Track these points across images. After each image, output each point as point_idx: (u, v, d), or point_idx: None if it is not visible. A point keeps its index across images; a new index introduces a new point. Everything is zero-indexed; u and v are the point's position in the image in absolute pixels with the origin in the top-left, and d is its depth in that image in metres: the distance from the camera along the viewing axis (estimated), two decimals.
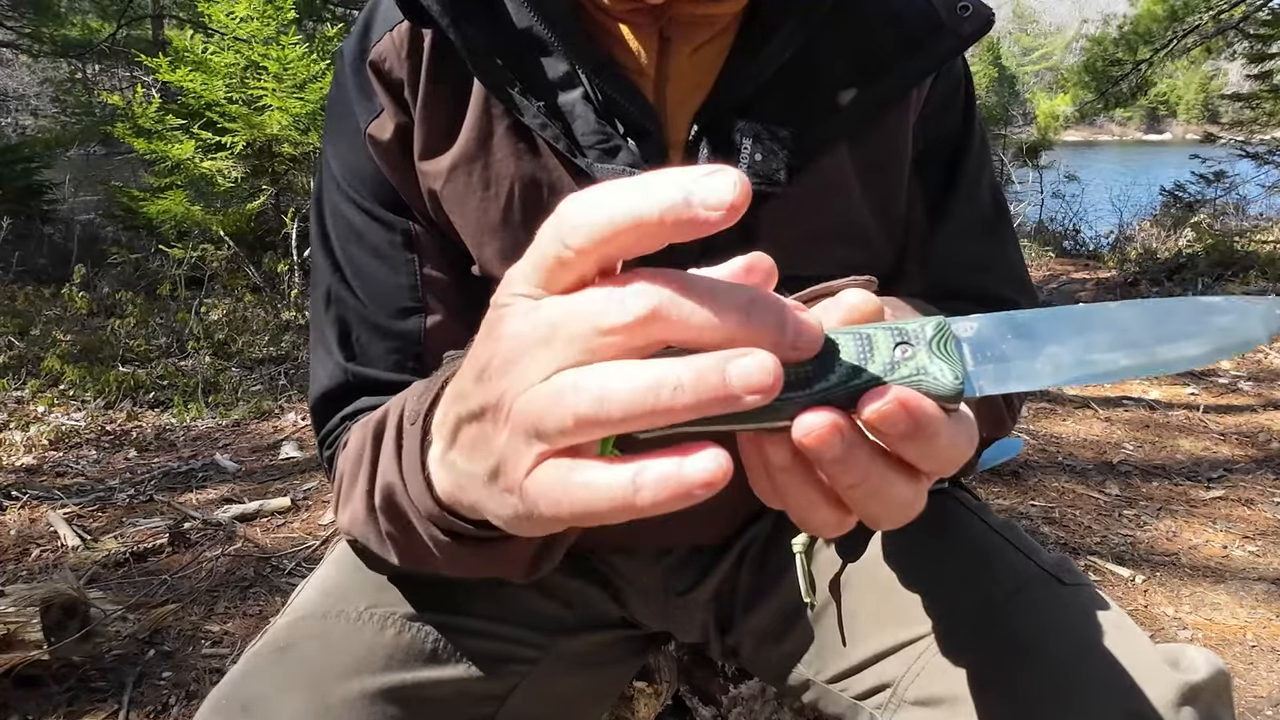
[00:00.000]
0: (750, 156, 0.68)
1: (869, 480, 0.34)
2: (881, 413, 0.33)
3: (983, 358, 0.36)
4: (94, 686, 1.72)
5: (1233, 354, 0.36)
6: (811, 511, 0.37)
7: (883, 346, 0.34)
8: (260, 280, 5.50)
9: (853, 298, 0.37)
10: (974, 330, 0.36)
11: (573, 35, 0.65)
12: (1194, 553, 2.34)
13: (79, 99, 13.34)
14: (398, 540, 0.58)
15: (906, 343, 0.34)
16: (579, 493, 0.32)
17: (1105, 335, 0.36)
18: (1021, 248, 0.79)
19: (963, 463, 0.37)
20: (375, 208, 0.72)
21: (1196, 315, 0.36)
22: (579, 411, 0.31)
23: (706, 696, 0.96)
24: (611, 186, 0.31)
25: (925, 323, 0.35)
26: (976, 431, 0.37)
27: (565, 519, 0.33)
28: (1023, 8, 44.52)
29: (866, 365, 0.34)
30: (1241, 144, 8.33)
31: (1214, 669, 0.63)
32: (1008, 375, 0.36)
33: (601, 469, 0.31)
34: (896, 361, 0.34)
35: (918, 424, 0.33)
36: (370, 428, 0.58)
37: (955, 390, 0.34)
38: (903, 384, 0.33)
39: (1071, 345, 0.36)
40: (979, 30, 0.70)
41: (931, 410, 0.33)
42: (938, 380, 0.34)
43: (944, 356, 0.34)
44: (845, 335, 0.34)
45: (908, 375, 0.34)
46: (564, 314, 0.32)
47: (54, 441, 3.08)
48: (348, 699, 0.62)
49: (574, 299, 0.32)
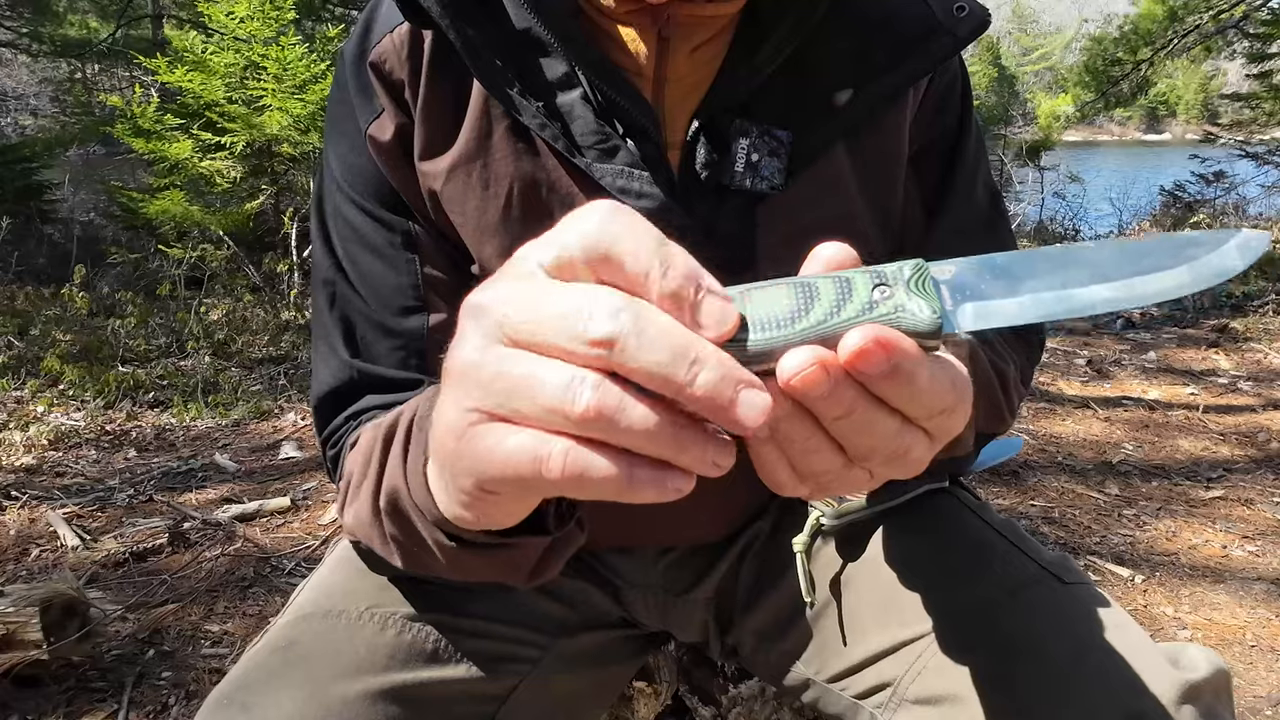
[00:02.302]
0: (747, 157, 0.68)
1: (855, 411, 0.35)
2: (859, 350, 0.33)
3: (962, 297, 0.36)
4: (93, 686, 1.72)
5: (1211, 284, 0.36)
6: (814, 458, 0.37)
7: (861, 288, 0.35)
8: (260, 280, 5.50)
9: (828, 250, 0.38)
10: (952, 273, 0.37)
11: (572, 36, 0.65)
12: (1194, 553, 2.34)
13: (78, 99, 13.33)
14: (401, 543, 0.58)
15: (884, 284, 0.35)
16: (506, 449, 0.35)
17: (1083, 271, 0.36)
18: (1022, 247, 0.79)
19: (953, 420, 0.37)
20: (376, 208, 0.72)
21: (1173, 249, 0.37)
22: (548, 403, 0.33)
23: (706, 696, 0.96)
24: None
25: (903, 264, 0.36)
26: (966, 382, 0.38)
27: (491, 476, 0.36)
28: (1022, 8, 44.52)
29: (845, 306, 0.34)
30: (1241, 144, 8.33)
31: (1214, 668, 0.63)
32: (988, 312, 0.36)
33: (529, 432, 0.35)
34: (875, 301, 0.35)
35: (895, 362, 0.34)
36: (381, 430, 0.59)
37: (934, 324, 0.34)
38: (881, 321, 0.34)
39: (1050, 281, 0.36)
40: (975, 31, 0.70)
41: (909, 347, 0.34)
42: (915, 316, 0.34)
43: (922, 294, 0.35)
44: (825, 279, 0.35)
45: (886, 313, 0.34)
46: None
47: (54, 441, 3.08)
48: (348, 699, 0.62)
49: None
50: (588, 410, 0.32)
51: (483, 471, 0.37)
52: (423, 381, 0.70)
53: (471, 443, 0.36)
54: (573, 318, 0.33)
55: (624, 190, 0.67)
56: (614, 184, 0.67)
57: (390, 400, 0.69)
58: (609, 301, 0.33)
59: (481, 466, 0.36)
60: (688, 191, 0.69)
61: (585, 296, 0.33)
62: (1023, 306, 0.36)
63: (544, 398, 0.33)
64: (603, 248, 0.34)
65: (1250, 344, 4.44)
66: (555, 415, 0.33)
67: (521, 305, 0.35)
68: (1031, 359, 0.83)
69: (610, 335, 0.32)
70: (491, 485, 0.37)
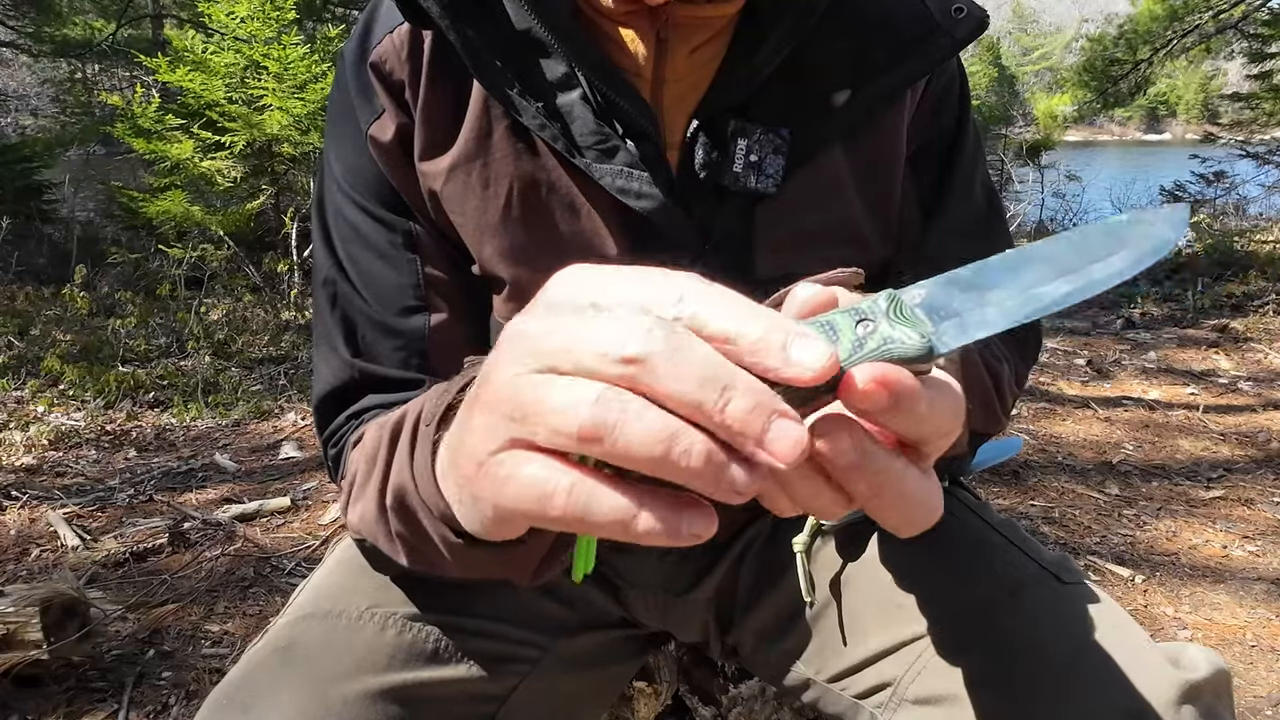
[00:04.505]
0: (746, 157, 0.68)
1: (881, 475, 0.36)
2: (861, 392, 0.34)
3: (939, 317, 0.37)
4: (93, 686, 1.72)
5: (1153, 259, 0.38)
6: (815, 499, 0.38)
7: (845, 329, 0.35)
8: (260, 280, 5.51)
9: (803, 292, 0.38)
10: (923, 296, 0.38)
11: (572, 37, 0.65)
12: (1194, 553, 2.34)
13: (79, 99, 13.32)
14: (407, 540, 0.58)
15: (866, 319, 0.36)
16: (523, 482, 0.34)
17: (1041, 270, 0.38)
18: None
19: (953, 436, 0.38)
20: (376, 208, 0.72)
21: (1110, 233, 0.39)
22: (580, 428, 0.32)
23: (706, 696, 0.96)
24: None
25: (876, 297, 0.36)
26: (962, 400, 0.38)
27: (508, 509, 0.35)
28: (1022, 8, 44.53)
29: (836, 349, 0.35)
30: (1241, 144, 8.33)
31: (1214, 667, 0.63)
32: (965, 326, 0.37)
33: (552, 466, 0.33)
34: (862, 338, 0.35)
35: (896, 396, 0.34)
36: (388, 428, 0.58)
37: (925, 348, 0.35)
38: (874, 356, 0.35)
39: (1014, 287, 0.38)
40: (973, 32, 0.71)
41: (908, 380, 0.34)
42: (905, 344, 0.35)
43: (904, 321, 0.36)
44: (809, 325, 0.36)
45: (876, 347, 0.35)
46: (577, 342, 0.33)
47: (54, 441, 3.08)
48: (348, 699, 0.63)
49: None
50: (584, 425, 0.31)
51: (499, 503, 0.36)
52: (424, 381, 0.70)
53: (489, 470, 0.35)
54: (604, 337, 0.32)
55: (623, 190, 0.67)
56: (613, 184, 0.67)
57: (391, 400, 0.70)
58: (642, 321, 0.32)
59: (498, 498, 0.35)
60: (686, 192, 0.69)
61: (623, 319, 0.32)
62: (997, 314, 0.37)
63: (550, 415, 0.32)
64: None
65: (1250, 344, 4.44)
66: (559, 436, 0.32)
67: (558, 331, 0.33)
68: (1026, 358, 0.83)
69: (639, 354, 0.31)
70: (507, 515, 0.36)
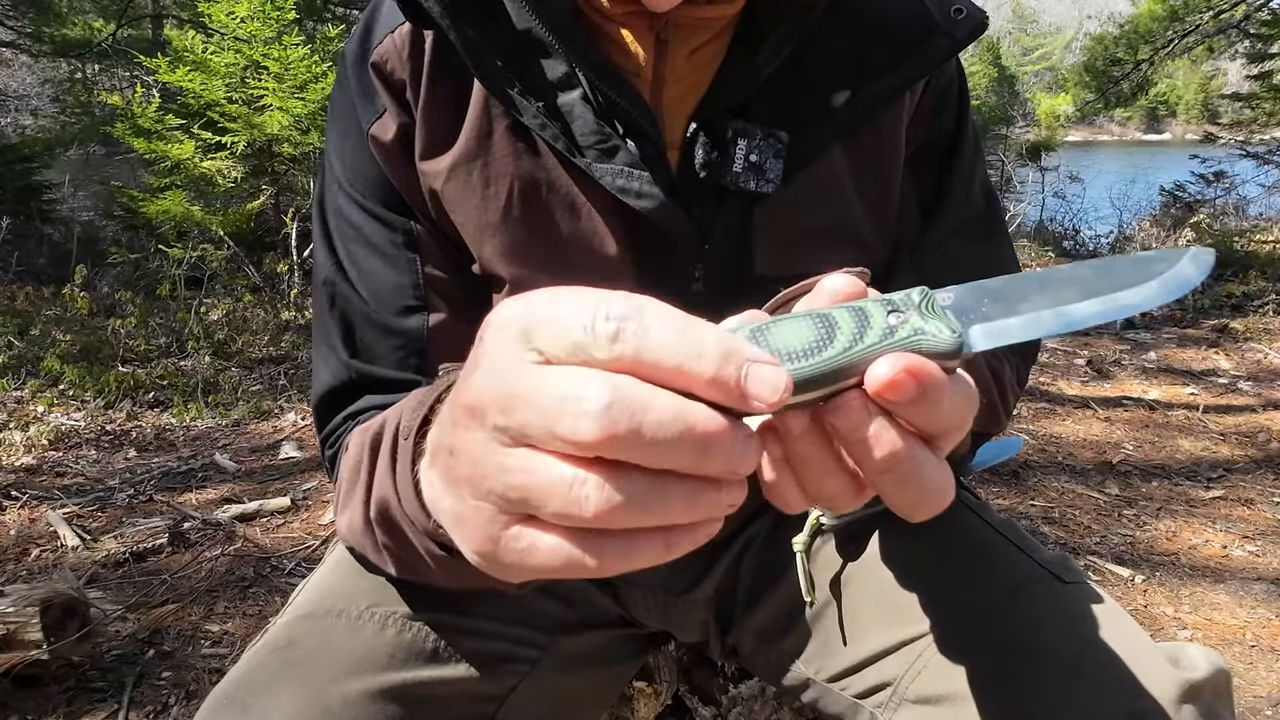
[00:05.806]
0: (746, 159, 0.68)
1: (893, 450, 0.35)
2: (889, 380, 0.34)
3: (967, 320, 0.38)
4: (93, 686, 1.72)
5: (1177, 295, 0.40)
6: (827, 481, 0.37)
7: (876, 315, 0.36)
8: (260, 280, 5.50)
9: (836, 283, 0.38)
10: (952, 299, 0.38)
11: (572, 37, 0.65)
12: (1194, 553, 2.34)
13: (79, 99, 13.32)
14: (394, 552, 0.58)
15: (897, 310, 0.36)
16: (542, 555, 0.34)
17: (1070, 290, 0.39)
18: (1021, 247, 0.79)
19: (964, 432, 0.38)
20: (377, 208, 0.72)
21: (1138, 266, 0.40)
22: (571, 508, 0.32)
23: (706, 696, 0.96)
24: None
25: (909, 291, 0.37)
26: (976, 398, 0.38)
27: (525, 572, 0.35)
28: (1022, 8, 44.51)
29: (865, 333, 0.35)
30: (1241, 144, 8.32)
31: (1214, 667, 0.63)
32: (993, 331, 0.38)
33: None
34: (893, 327, 0.35)
35: (924, 388, 0.34)
36: (368, 436, 0.59)
37: (955, 344, 0.35)
38: (903, 345, 0.35)
39: (1043, 301, 0.39)
40: (972, 33, 0.71)
41: (936, 372, 0.34)
42: (936, 338, 0.35)
43: (935, 316, 0.36)
44: (840, 310, 0.36)
45: (906, 337, 0.35)
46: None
47: (54, 441, 3.08)
48: (348, 698, 0.63)
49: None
50: (598, 511, 0.31)
51: (522, 571, 0.35)
52: (421, 382, 0.70)
53: (507, 545, 0.35)
54: (567, 424, 0.31)
55: (623, 190, 0.67)
56: (613, 184, 0.67)
57: (389, 401, 0.70)
58: (597, 395, 0.31)
59: (522, 569, 0.35)
60: (686, 192, 0.69)
61: (576, 393, 0.31)
62: (1026, 324, 0.38)
63: (548, 499, 0.32)
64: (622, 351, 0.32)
65: (1250, 344, 4.44)
66: (568, 520, 0.32)
67: (516, 403, 0.32)
68: (1026, 360, 0.83)
69: (604, 437, 0.31)
70: (531, 576, 0.36)
